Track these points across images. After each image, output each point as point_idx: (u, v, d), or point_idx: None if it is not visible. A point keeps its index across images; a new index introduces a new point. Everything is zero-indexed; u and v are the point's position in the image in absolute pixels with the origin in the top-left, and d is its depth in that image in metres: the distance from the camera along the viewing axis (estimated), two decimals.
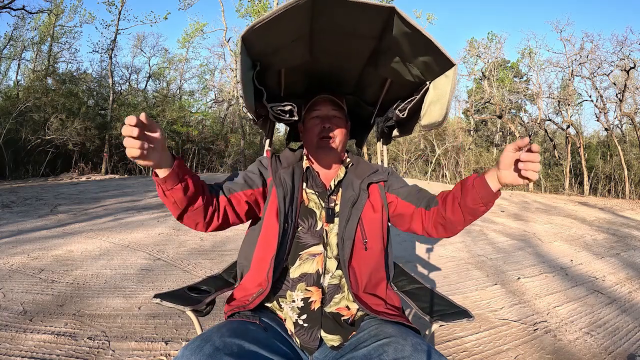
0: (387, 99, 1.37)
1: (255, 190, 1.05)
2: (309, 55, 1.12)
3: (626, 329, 2.18)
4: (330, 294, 1.00)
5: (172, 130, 17.57)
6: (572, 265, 3.55)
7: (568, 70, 16.72)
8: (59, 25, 18.96)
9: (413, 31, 0.87)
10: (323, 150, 1.12)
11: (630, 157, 15.65)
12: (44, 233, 4.11)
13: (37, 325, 1.96)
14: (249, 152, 19.68)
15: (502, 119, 17.26)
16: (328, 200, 1.08)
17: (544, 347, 1.93)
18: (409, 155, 19.51)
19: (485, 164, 18.35)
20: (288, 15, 0.85)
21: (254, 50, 0.98)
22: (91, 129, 15.04)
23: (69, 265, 2.99)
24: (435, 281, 2.94)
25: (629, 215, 7.23)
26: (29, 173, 13.36)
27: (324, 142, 1.11)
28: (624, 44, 14.32)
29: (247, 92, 1.03)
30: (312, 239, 1.03)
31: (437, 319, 1.03)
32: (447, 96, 0.99)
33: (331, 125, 1.12)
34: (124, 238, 3.99)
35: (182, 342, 1.86)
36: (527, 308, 2.46)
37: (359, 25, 0.94)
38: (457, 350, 1.88)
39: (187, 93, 22.68)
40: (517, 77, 21.17)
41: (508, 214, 6.77)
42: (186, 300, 1.06)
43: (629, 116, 14.67)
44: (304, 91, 1.36)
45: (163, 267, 3.07)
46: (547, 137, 19.51)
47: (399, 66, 1.09)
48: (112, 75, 18.07)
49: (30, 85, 15.66)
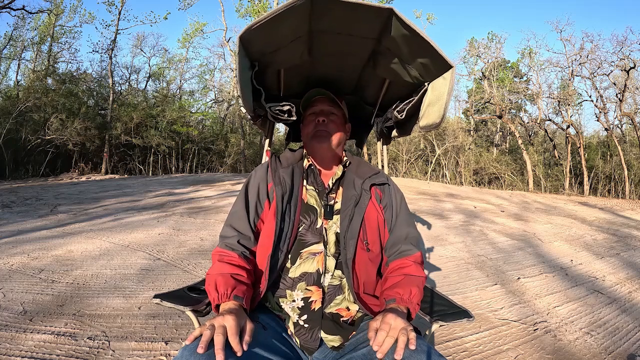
0: (386, 99, 1.37)
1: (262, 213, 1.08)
2: (308, 55, 1.12)
3: (626, 329, 2.17)
4: (331, 295, 1.00)
5: (172, 130, 17.58)
6: (572, 265, 3.55)
7: (568, 70, 16.75)
8: (59, 25, 18.99)
9: (411, 33, 0.87)
10: (317, 140, 1.11)
11: (630, 157, 15.65)
12: (44, 233, 4.11)
13: (37, 325, 1.96)
14: (249, 152, 19.68)
15: (502, 119, 17.26)
16: (327, 198, 1.09)
17: (544, 347, 1.93)
18: (409, 155, 19.50)
19: (485, 164, 18.35)
20: (287, 16, 0.85)
21: (253, 50, 0.98)
22: (91, 129, 15.05)
23: (69, 265, 2.99)
24: (435, 281, 2.94)
25: (629, 215, 7.23)
26: (29, 173, 13.37)
27: (318, 133, 1.11)
28: (624, 44, 14.35)
29: (245, 92, 1.03)
30: (312, 236, 1.03)
31: (437, 319, 1.03)
32: (444, 98, 0.99)
33: (326, 119, 1.12)
34: (124, 238, 3.99)
35: (182, 342, 1.85)
36: (527, 308, 2.46)
37: (358, 26, 0.94)
38: (457, 350, 1.88)
39: (187, 93, 22.72)
40: (517, 77, 21.16)
41: (508, 214, 6.77)
42: (186, 301, 1.06)
43: (629, 116, 14.67)
44: (303, 91, 1.36)
45: (163, 267, 3.07)
46: (547, 137, 19.53)
47: (397, 67, 1.09)
48: (112, 75, 18.10)
49: (30, 85, 15.67)
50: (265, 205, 1.07)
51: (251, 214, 1.06)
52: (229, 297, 0.87)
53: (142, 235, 4.16)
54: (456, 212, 6.75)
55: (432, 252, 3.89)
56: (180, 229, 4.49)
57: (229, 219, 1.08)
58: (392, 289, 0.96)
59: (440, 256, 3.72)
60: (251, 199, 1.08)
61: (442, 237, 4.59)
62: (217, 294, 0.88)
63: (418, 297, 0.95)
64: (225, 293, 0.88)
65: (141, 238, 4.01)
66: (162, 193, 8.14)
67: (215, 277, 0.92)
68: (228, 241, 1.02)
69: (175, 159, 18.40)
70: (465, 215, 6.40)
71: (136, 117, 16.53)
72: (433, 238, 4.53)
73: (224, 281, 0.90)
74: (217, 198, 7.41)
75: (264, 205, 1.07)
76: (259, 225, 1.07)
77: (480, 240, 4.51)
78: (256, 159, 19.07)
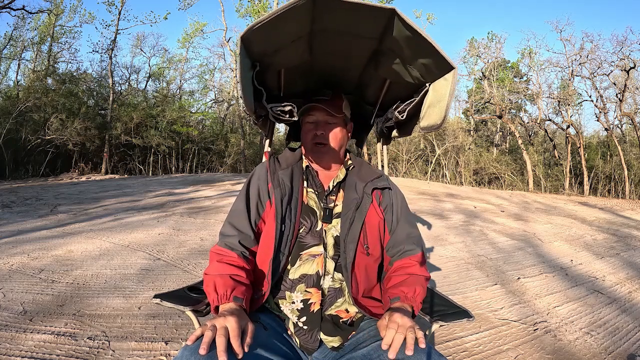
0: (387, 99, 1.37)
1: (263, 213, 1.07)
2: (309, 55, 1.11)
3: (626, 329, 2.18)
4: (331, 298, 1.00)
5: (172, 130, 17.58)
6: (572, 265, 3.55)
7: (568, 70, 16.74)
8: (59, 25, 18.98)
9: (413, 33, 0.87)
10: (316, 154, 1.12)
11: (630, 157, 15.64)
12: (44, 233, 4.11)
13: (37, 325, 1.95)
14: (249, 152, 19.68)
15: (502, 119, 17.26)
16: (326, 201, 1.08)
17: (544, 347, 1.93)
18: (409, 155, 19.49)
19: (485, 164, 18.34)
20: (288, 16, 0.85)
21: (254, 51, 0.98)
22: (91, 129, 15.05)
23: (69, 265, 2.99)
24: (435, 281, 2.94)
25: (629, 215, 7.23)
26: (29, 173, 13.37)
27: (317, 148, 1.11)
28: (624, 44, 14.34)
29: (246, 92, 1.02)
30: (312, 239, 1.03)
31: (437, 319, 1.03)
32: (446, 99, 0.98)
33: (324, 132, 1.10)
34: (124, 238, 3.99)
35: (182, 342, 1.85)
36: (527, 308, 2.46)
37: (360, 26, 0.94)
38: (457, 350, 1.88)
39: (187, 93, 22.70)
40: (517, 77, 21.16)
41: (508, 214, 6.77)
42: (186, 300, 1.06)
43: (629, 116, 14.67)
44: (304, 91, 1.36)
45: (163, 267, 3.07)
46: (547, 137, 19.52)
47: (399, 67, 1.09)
48: (112, 75, 18.10)
49: (30, 85, 15.66)
50: (267, 205, 1.07)
51: (252, 213, 1.06)
52: (229, 299, 0.87)
53: (142, 235, 4.16)
54: (456, 212, 6.75)
55: (432, 252, 3.89)
56: (180, 229, 4.49)
57: (230, 217, 1.07)
58: (397, 288, 0.96)
59: (440, 256, 3.72)
60: (252, 197, 1.08)
61: (442, 237, 4.59)
62: (216, 295, 0.88)
63: (422, 296, 0.95)
64: (225, 294, 0.87)
65: (141, 238, 4.01)
66: (162, 193, 8.14)
67: (214, 278, 0.92)
68: (228, 240, 1.02)
69: (175, 159, 18.40)
70: (465, 215, 6.40)
71: (136, 117, 16.52)
72: (433, 238, 4.53)
73: (223, 282, 0.90)
74: (217, 198, 7.41)
75: (265, 205, 1.07)
76: (260, 224, 1.07)
77: (480, 240, 4.51)
78: (256, 159, 19.07)
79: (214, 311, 0.89)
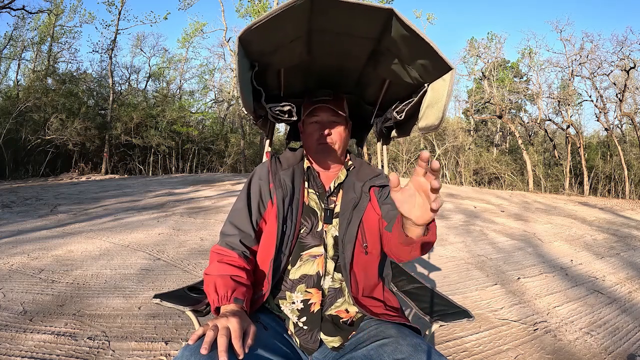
0: (386, 99, 1.37)
1: (265, 212, 1.07)
2: (308, 55, 1.11)
3: (626, 329, 2.17)
4: (332, 298, 1.00)
5: (172, 130, 17.58)
6: (572, 265, 3.55)
7: (568, 70, 16.73)
8: (59, 25, 18.99)
9: (411, 34, 0.87)
10: (322, 155, 1.12)
11: (630, 157, 15.63)
12: (44, 233, 4.11)
13: (37, 325, 1.96)
14: (249, 152, 19.68)
15: (502, 119, 17.25)
16: (327, 201, 1.08)
17: (544, 347, 1.93)
18: (409, 155, 19.49)
19: (485, 164, 18.33)
20: (286, 16, 0.85)
21: (252, 51, 0.98)
22: (91, 129, 15.05)
23: (69, 265, 2.99)
24: (435, 281, 2.94)
25: (629, 215, 7.23)
26: (29, 173, 13.37)
27: (322, 147, 1.10)
28: (624, 44, 14.33)
29: (245, 92, 1.02)
30: (313, 240, 1.03)
31: (437, 319, 1.03)
32: (443, 100, 0.98)
33: (330, 132, 1.11)
34: (124, 238, 3.99)
35: (182, 342, 1.86)
36: (527, 308, 2.46)
37: (358, 26, 0.94)
38: (457, 350, 1.88)
39: (187, 93, 22.71)
40: (517, 77, 21.15)
41: (508, 214, 6.77)
42: (186, 301, 1.06)
43: (629, 116, 14.67)
44: (303, 91, 1.36)
45: (163, 267, 3.07)
46: (547, 137, 19.52)
47: (397, 68, 1.09)
48: (112, 75, 18.11)
49: (30, 85, 15.67)
50: (268, 205, 1.06)
51: (253, 212, 1.06)
52: (229, 300, 0.87)
53: (142, 235, 4.16)
54: (456, 212, 6.75)
55: (432, 252, 3.89)
56: (180, 229, 4.49)
57: (231, 216, 1.07)
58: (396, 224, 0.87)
59: (440, 256, 3.72)
60: (253, 197, 1.08)
61: (442, 237, 4.59)
62: (217, 296, 0.88)
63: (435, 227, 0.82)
64: (226, 295, 0.87)
65: (141, 238, 4.01)
66: (162, 193, 8.14)
67: (214, 279, 0.92)
68: (229, 239, 1.02)
69: (175, 159, 18.40)
70: (465, 215, 6.39)
71: (136, 117, 16.52)
72: None
73: (223, 283, 0.90)
74: (217, 198, 7.41)
75: (266, 205, 1.07)
76: (261, 224, 1.07)
77: (480, 240, 4.51)
78: (256, 159, 19.06)
79: (214, 312, 0.89)
